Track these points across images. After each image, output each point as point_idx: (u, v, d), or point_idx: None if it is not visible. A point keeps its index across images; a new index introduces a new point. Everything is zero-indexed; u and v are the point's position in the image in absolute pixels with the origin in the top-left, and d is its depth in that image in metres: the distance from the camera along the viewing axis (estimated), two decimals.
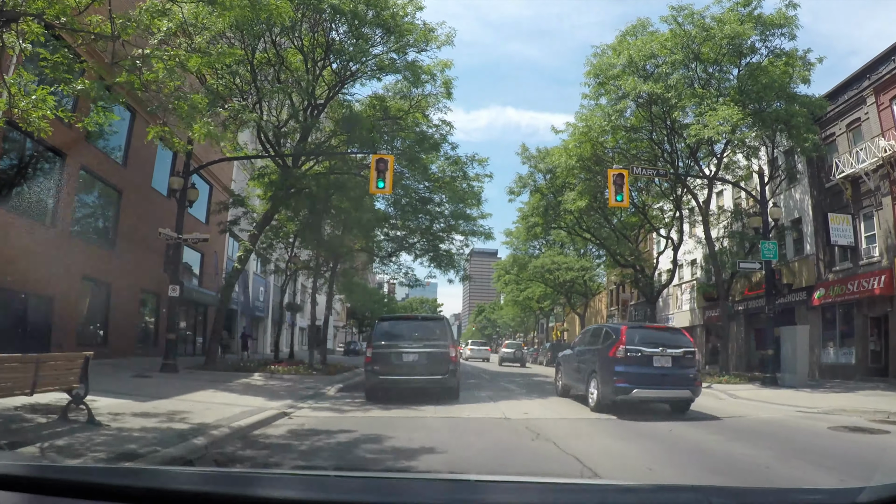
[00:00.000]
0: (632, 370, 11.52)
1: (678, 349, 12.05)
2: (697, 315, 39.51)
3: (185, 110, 9.77)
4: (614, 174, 19.42)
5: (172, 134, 10.56)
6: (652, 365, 11.68)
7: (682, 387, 11.82)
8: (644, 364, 11.63)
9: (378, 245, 28.45)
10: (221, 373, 18.44)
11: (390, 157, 17.60)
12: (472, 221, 26.82)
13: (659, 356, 11.79)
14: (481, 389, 17.41)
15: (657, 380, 11.61)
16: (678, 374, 11.79)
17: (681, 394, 11.96)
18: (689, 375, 11.97)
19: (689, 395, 11.98)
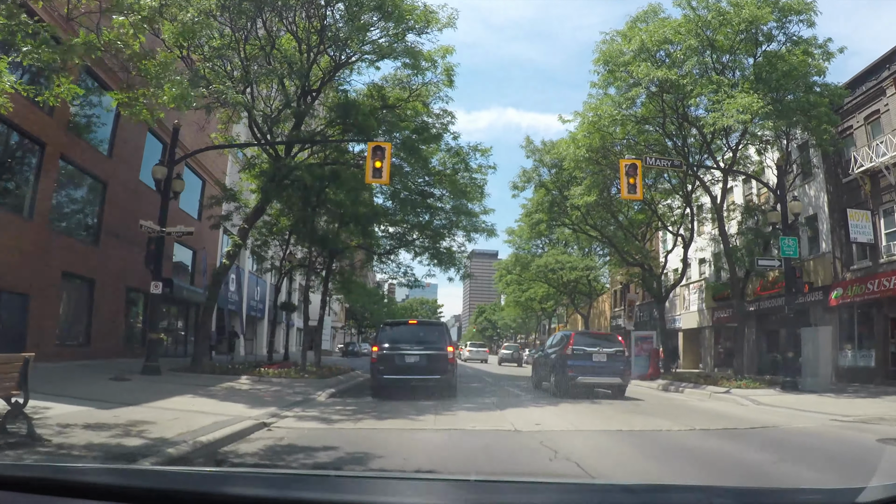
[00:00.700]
0: (577, 363, 16.02)
1: (611, 349, 16.68)
2: (706, 316, 38.29)
3: (153, 71, 8.52)
4: (627, 165, 18.25)
5: (139, 102, 9.30)
6: (592, 360, 16.19)
7: (613, 375, 16.28)
8: (586, 359, 16.15)
9: (377, 242, 27.24)
10: (207, 375, 17.24)
11: (387, 145, 16.41)
12: (474, 217, 25.59)
13: (596, 354, 16.35)
14: (485, 394, 16.22)
15: (595, 370, 16.05)
16: (611, 367, 16.23)
17: (613, 380, 16.31)
18: (620, 367, 16.45)
19: (619, 381, 16.39)
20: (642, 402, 15.37)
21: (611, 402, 14.68)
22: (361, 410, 11.23)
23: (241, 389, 14.24)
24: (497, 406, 12.55)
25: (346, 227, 23.40)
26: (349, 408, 11.71)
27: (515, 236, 44.84)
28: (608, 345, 16.95)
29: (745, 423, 11.16)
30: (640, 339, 26.42)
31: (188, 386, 14.40)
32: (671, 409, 13.41)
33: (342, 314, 71.43)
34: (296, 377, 17.53)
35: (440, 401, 13.40)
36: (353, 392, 15.54)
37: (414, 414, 10.59)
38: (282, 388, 14.39)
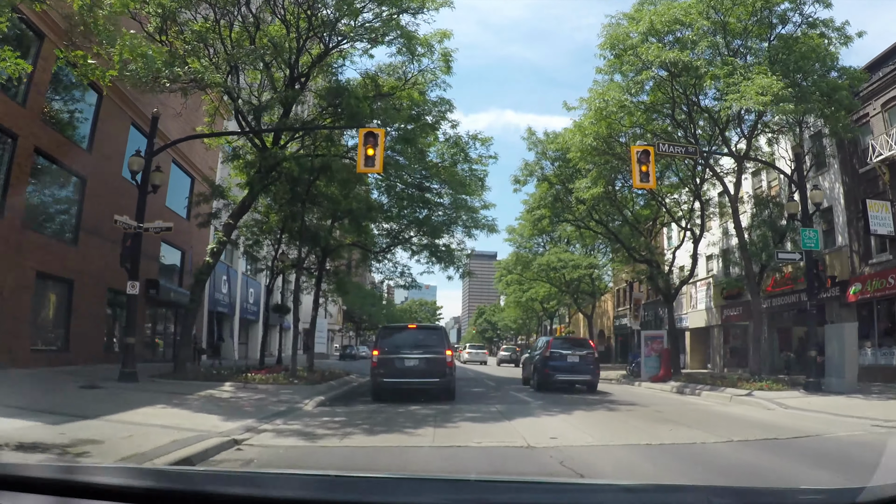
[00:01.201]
0: (555, 364, 18.87)
1: (583, 352, 19.63)
2: (714, 314, 37.01)
3: (102, 23, 7.22)
4: (638, 151, 17.00)
5: (86, 62, 7.97)
6: (567, 361, 19.02)
7: (585, 374, 19.02)
8: (562, 360, 19.01)
9: (372, 240, 25.95)
10: (188, 382, 15.93)
11: (381, 131, 15.15)
12: (475, 213, 24.29)
13: (571, 356, 19.23)
14: (489, 401, 14.92)
15: (570, 369, 18.87)
16: (583, 366, 19.01)
17: (584, 377, 19.03)
18: (590, 367, 19.12)
19: (589, 378, 19.05)
20: (660, 407, 14.07)
21: (629, 408, 13.37)
22: (351, 422, 9.90)
23: (221, 398, 12.94)
24: (503, 415, 11.22)
25: (339, 224, 22.14)
26: (338, 419, 10.39)
27: (516, 234, 43.58)
28: (580, 349, 20.17)
29: (785, 432, 9.88)
30: (650, 339, 25.13)
31: (164, 394, 13.11)
32: (696, 417, 12.11)
33: (339, 317, 70.08)
34: (284, 383, 16.23)
35: (440, 408, 12.15)
36: (345, 399, 14.25)
37: (410, 426, 9.26)
38: (266, 396, 13.08)
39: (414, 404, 12.54)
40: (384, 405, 12.87)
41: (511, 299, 59.74)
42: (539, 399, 15.49)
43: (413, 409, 11.79)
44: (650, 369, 24.28)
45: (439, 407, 12.36)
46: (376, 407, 12.39)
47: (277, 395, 13.41)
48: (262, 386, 15.25)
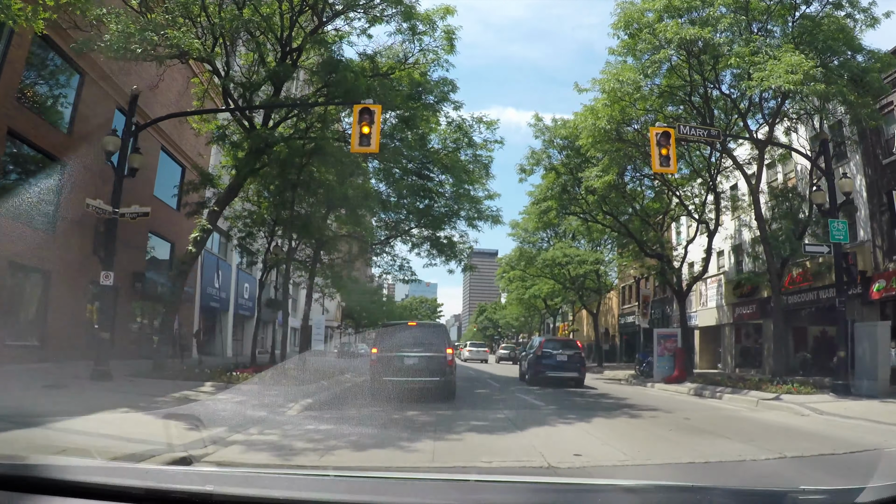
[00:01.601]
0: (546, 361, 20.71)
1: (571, 351, 21.53)
2: (725, 313, 35.63)
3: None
4: (658, 133, 15.64)
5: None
6: (556, 359, 20.81)
7: (572, 371, 20.82)
8: (552, 358, 20.79)
9: (370, 232, 24.60)
10: (167, 382, 14.60)
11: (377, 107, 13.77)
12: (478, 203, 22.92)
13: (560, 354, 21.07)
14: (495, 405, 13.58)
15: (559, 366, 20.59)
16: (570, 364, 20.85)
17: (572, 374, 20.80)
18: (577, 365, 21.04)
19: (576, 374, 20.92)
20: (686, 413, 12.71)
21: (652, 414, 12.00)
22: (338, 432, 8.53)
23: (196, 400, 11.60)
24: (513, 423, 9.86)
25: (335, 214, 20.80)
26: (323, 427, 9.02)
27: (520, 229, 42.18)
28: (569, 348, 22.12)
29: (839, 445, 8.53)
30: (663, 338, 23.75)
31: (133, 395, 11.80)
32: (730, 425, 10.76)
33: (338, 314, 68.69)
34: (271, 383, 14.87)
35: (441, 414, 10.81)
36: (336, 402, 12.87)
37: (406, 438, 7.86)
38: (247, 399, 11.73)
39: (412, 409, 11.20)
40: (378, 409, 11.55)
41: (513, 296, 58.31)
42: (550, 403, 14.13)
43: (410, 416, 10.44)
44: (663, 370, 22.92)
45: (440, 412, 11.02)
46: (369, 412, 11.04)
47: (260, 398, 12.06)
48: (246, 386, 13.90)
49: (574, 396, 15.93)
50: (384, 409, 11.49)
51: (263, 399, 11.72)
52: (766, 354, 32.27)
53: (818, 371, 28.03)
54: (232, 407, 10.98)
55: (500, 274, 52.91)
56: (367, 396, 13.84)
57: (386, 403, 12.11)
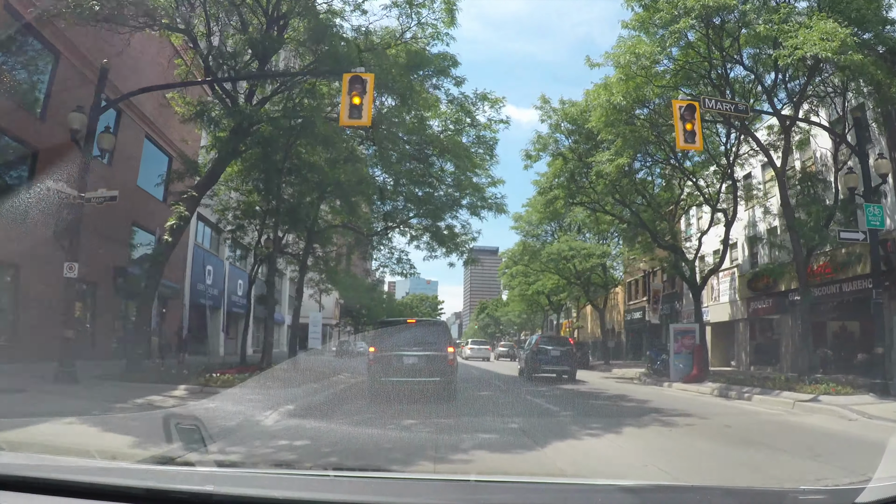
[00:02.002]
0: (540, 357, 22.91)
1: (563, 348, 23.82)
2: (739, 308, 34.09)
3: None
4: (682, 107, 14.14)
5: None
6: (549, 355, 22.99)
7: (565, 365, 22.93)
8: (546, 354, 22.99)
9: (366, 221, 23.10)
10: (136, 385, 13.10)
11: (369, 76, 12.25)
12: (481, 191, 21.39)
13: (552, 350, 23.27)
14: (504, 411, 12.03)
15: (552, 361, 22.80)
16: (563, 359, 22.99)
17: (563, 368, 22.87)
18: (569, 360, 23.15)
19: (568, 368, 22.96)
20: (723, 419, 11.17)
21: (687, 421, 10.41)
22: (315, 450, 6.93)
23: (163, 406, 10.11)
24: (530, 436, 8.27)
25: (328, 202, 19.30)
26: (298, 443, 7.45)
27: (523, 222, 40.69)
28: (561, 345, 24.44)
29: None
30: (680, 334, 22.20)
31: (91, 401, 10.36)
32: (778, 434, 9.28)
33: (336, 311, 67.22)
34: (253, 385, 13.37)
35: (443, 424, 9.28)
36: (323, 408, 11.30)
37: (399, 460, 6.25)
38: (220, 405, 10.22)
39: (409, 416, 9.67)
40: (370, 416, 10.05)
41: (516, 292, 56.74)
42: (565, 407, 12.60)
43: (407, 425, 8.91)
44: (680, 368, 21.41)
45: (442, 421, 9.49)
46: (359, 421, 9.51)
47: (237, 403, 10.54)
48: (224, 390, 12.40)
49: (589, 398, 14.43)
50: (376, 416, 10.00)
51: (240, 405, 10.19)
52: (784, 351, 30.79)
53: (839, 369, 26.46)
54: (201, 414, 9.49)
55: (502, 269, 51.38)
56: (360, 401, 12.69)
57: (379, 409, 10.63)
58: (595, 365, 38.49)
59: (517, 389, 17.16)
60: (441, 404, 11.92)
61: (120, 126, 25.68)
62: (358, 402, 12.21)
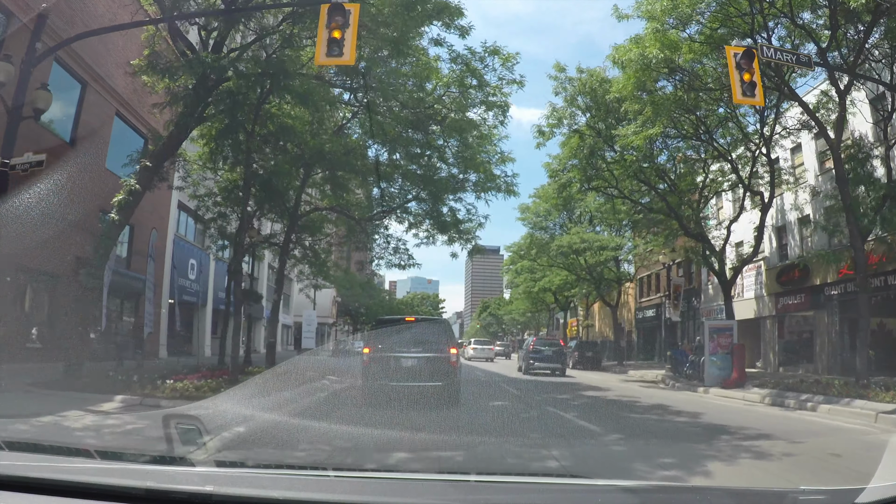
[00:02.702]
0: (535, 356, 27.67)
1: (555, 348, 28.70)
2: (766, 303, 31.46)
3: None
4: (737, 54, 11.54)
5: None
6: (543, 354, 27.71)
7: (555, 363, 27.55)
8: (540, 353, 27.77)
9: (360, 207, 20.51)
10: (63, 394, 10.51)
11: (354, 6, 9.64)
12: (488, 171, 18.73)
13: (545, 350, 28.00)
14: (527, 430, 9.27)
15: (546, 359, 27.30)
16: (554, 357, 27.74)
17: (555, 365, 27.41)
18: (560, 358, 28.02)
19: (559, 366, 27.56)
20: (817, 443, 8.51)
21: (779, 447, 7.60)
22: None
23: (69, 427, 7.50)
24: (572, 474, 5.60)
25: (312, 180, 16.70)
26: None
27: (531, 213, 38.05)
28: (553, 346, 28.80)
29: None
30: (716, 332, 19.53)
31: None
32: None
33: (334, 309, 64.60)
34: (210, 392, 10.80)
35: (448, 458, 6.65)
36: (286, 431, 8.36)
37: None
38: (147, 426, 7.59)
39: (400, 445, 6.98)
40: (345, 444, 7.45)
41: (521, 290, 53.99)
42: (606, 426, 9.83)
43: (397, 461, 6.24)
44: (717, 371, 18.78)
45: (445, 455, 6.83)
46: (327, 454, 6.79)
47: (172, 423, 7.86)
48: (168, 403, 9.79)
49: (625, 410, 11.78)
50: (354, 442, 7.39)
51: (172, 426, 7.51)
52: (818, 351, 28.17)
53: (881, 370, 23.82)
54: (118, 436, 6.94)
55: (507, 264, 48.63)
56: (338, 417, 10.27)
57: (360, 431, 7.99)
58: (608, 366, 35.87)
59: (533, 397, 14.46)
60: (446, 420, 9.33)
61: (85, 101, 23.15)
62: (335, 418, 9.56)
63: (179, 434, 4.92)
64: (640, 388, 19.74)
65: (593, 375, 28.13)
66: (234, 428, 7.56)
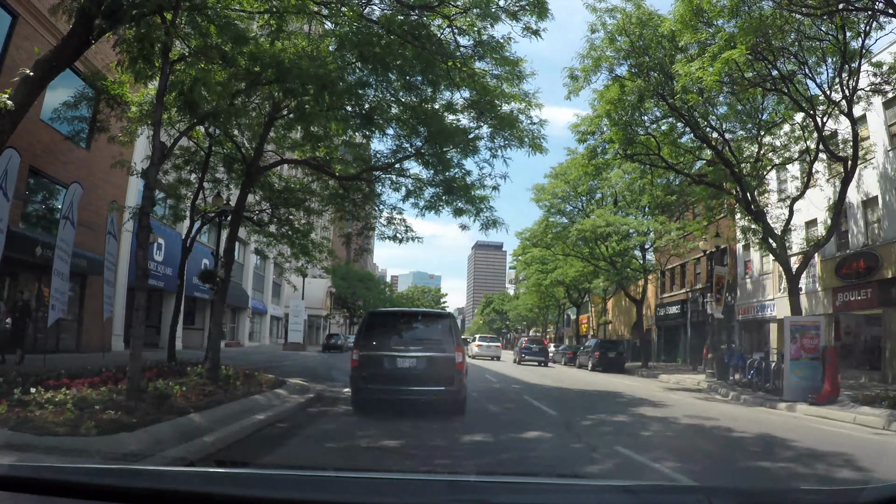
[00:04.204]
0: (525, 351, 38.63)
1: (539, 346, 39.61)
2: (821, 300, 27.19)
3: None
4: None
5: None
6: (531, 350, 38.52)
7: (540, 356, 37.67)
8: (529, 349, 38.70)
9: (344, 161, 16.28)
10: None
11: None
12: (509, 118, 14.46)
13: (533, 347, 39.05)
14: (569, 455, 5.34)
15: (533, 353, 37.94)
16: (539, 352, 38.19)
17: (540, 358, 37.49)
18: (543, 353, 38.27)
19: (542, 358, 37.67)
20: None
21: None
22: None
23: None
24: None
25: (277, 127, 12.48)
26: None
27: (546, 195, 33.75)
28: (538, 343, 40.26)
29: None
30: (798, 331, 15.18)
31: None
32: None
33: (328, 300, 60.43)
34: (97, 404, 6.67)
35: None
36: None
37: None
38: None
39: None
40: None
41: (530, 282, 49.72)
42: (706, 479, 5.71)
43: None
44: (800, 381, 14.53)
45: None
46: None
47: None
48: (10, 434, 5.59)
49: (745, 456, 7.56)
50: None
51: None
52: (889, 356, 23.97)
53: None
54: None
55: (517, 254, 44.25)
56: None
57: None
58: (631, 368, 31.65)
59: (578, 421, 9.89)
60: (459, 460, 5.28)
61: (14, 34, 19.02)
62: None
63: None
64: (698, 401, 15.48)
65: (623, 380, 23.92)
66: None
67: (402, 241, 16.39)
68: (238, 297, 42.05)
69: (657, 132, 19.88)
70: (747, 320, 33.68)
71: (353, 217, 18.53)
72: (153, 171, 8.98)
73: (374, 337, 11.20)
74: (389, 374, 10.67)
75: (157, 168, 9.06)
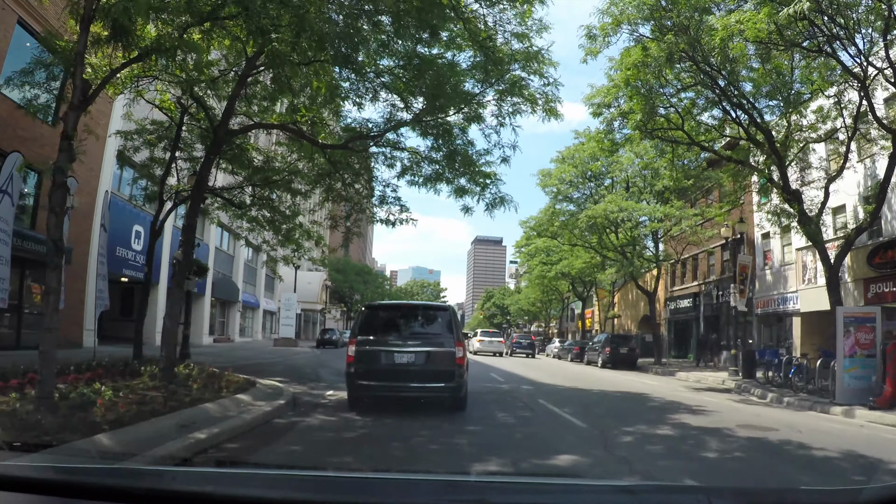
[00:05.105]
0: (516, 345, 44.92)
1: (528, 340, 46.94)
2: (851, 292, 25.20)
3: None
4: None
5: None
6: (521, 344, 45.01)
7: (528, 349, 44.17)
8: (520, 343, 45.25)
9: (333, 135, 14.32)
10: None
11: None
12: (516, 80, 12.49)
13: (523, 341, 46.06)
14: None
15: (522, 347, 44.36)
16: (527, 346, 44.76)
17: (528, 351, 44.02)
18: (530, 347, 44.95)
19: (530, 351, 44.24)
20: None
21: None
22: None
23: None
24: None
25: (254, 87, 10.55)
26: None
27: (553, 180, 31.75)
28: (526, 338, 46.86)
29: None
30: (853, 324, 13.26)
31: None
32: None
33: (324, 294, 58.45)
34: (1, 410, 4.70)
35: None
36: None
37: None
38: None
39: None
40: None
41: (534, 275, 47.88)
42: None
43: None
44: (855, 381, 12.60)
45: None
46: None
47: None
48: None
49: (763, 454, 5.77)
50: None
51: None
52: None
53: None
54: None
55: (521, 244, 42.31)
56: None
57: None
58: (645, 364, 29.72)
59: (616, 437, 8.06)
60: None
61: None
62: None
63: None
64: (737, 404, 13.52)
65: (640, 379, 22.00)
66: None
67: (395, 223, 14.38)
68: (228, 291, 40.09)
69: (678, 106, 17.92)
70: (766, 314, 31.70)
71: (342, 199, 16.54)
72: (73, 115, 7.06)
73: (370, 331, 10.71)
74: (387, 370, 10.25)
75: (78, 112, 7.15)
